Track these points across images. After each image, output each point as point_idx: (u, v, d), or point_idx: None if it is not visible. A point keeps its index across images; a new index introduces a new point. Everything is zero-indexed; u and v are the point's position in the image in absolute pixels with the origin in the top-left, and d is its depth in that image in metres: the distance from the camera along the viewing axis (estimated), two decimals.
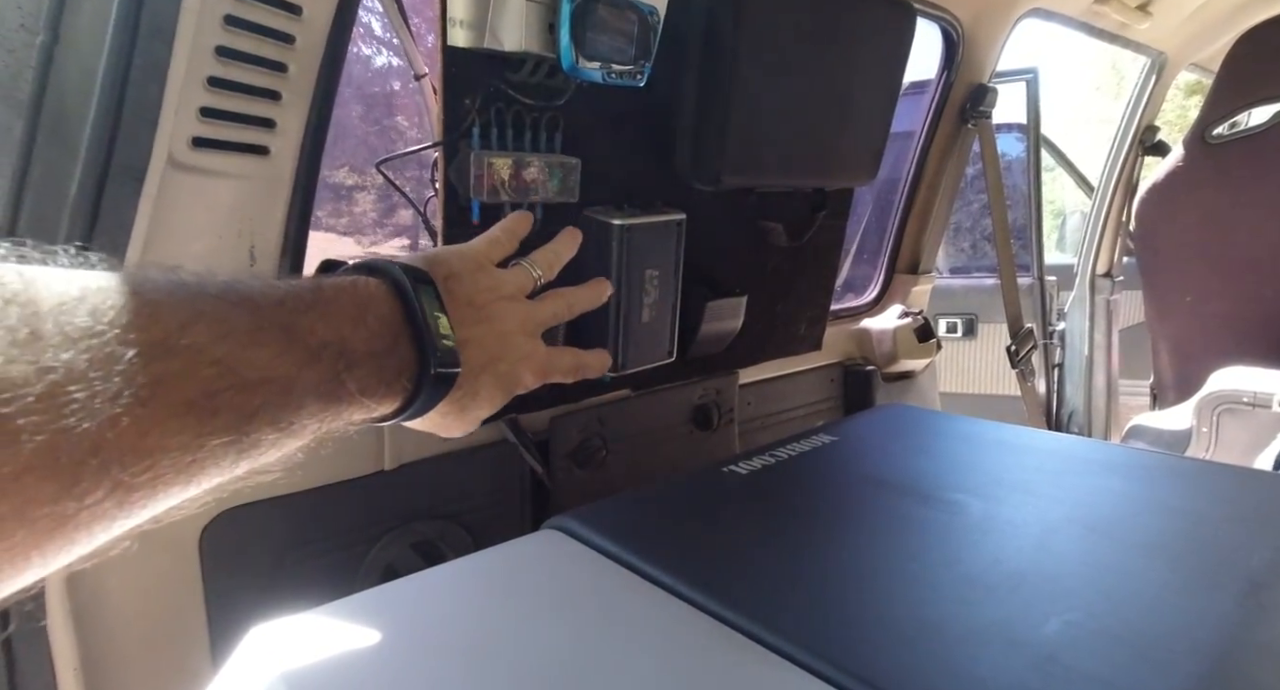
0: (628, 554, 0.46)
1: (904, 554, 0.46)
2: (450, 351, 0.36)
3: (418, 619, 0.40)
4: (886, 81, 0.93)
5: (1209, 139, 1.60)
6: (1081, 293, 2.05)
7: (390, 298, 0.36)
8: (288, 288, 0.32)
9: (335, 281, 0.35)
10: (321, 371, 0.31)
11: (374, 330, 0.34)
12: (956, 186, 1.42)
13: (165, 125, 0.50)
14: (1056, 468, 0.60)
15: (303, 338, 0.30)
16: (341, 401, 0.32)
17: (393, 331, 0.35)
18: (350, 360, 0.32)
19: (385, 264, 0.37)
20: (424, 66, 0.84)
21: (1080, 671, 0.33)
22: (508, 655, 0.37)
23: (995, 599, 0.39)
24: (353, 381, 0.32)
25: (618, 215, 0.77)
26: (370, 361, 0.33)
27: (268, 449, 0.30)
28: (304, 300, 0.32)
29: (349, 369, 0.32)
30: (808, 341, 1.13)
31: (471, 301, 0.41)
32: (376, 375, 0.33)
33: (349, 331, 0.32)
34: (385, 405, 0.35)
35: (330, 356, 0.31)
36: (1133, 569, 0.43)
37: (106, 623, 0.56)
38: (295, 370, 0.29)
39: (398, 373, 0.35)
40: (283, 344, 0.29)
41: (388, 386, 0.34)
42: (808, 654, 0.35)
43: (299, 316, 0.31)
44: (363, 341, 0.33)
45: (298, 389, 0.29)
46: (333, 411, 0.32)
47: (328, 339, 0.31)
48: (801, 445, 0.66)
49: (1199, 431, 1.55)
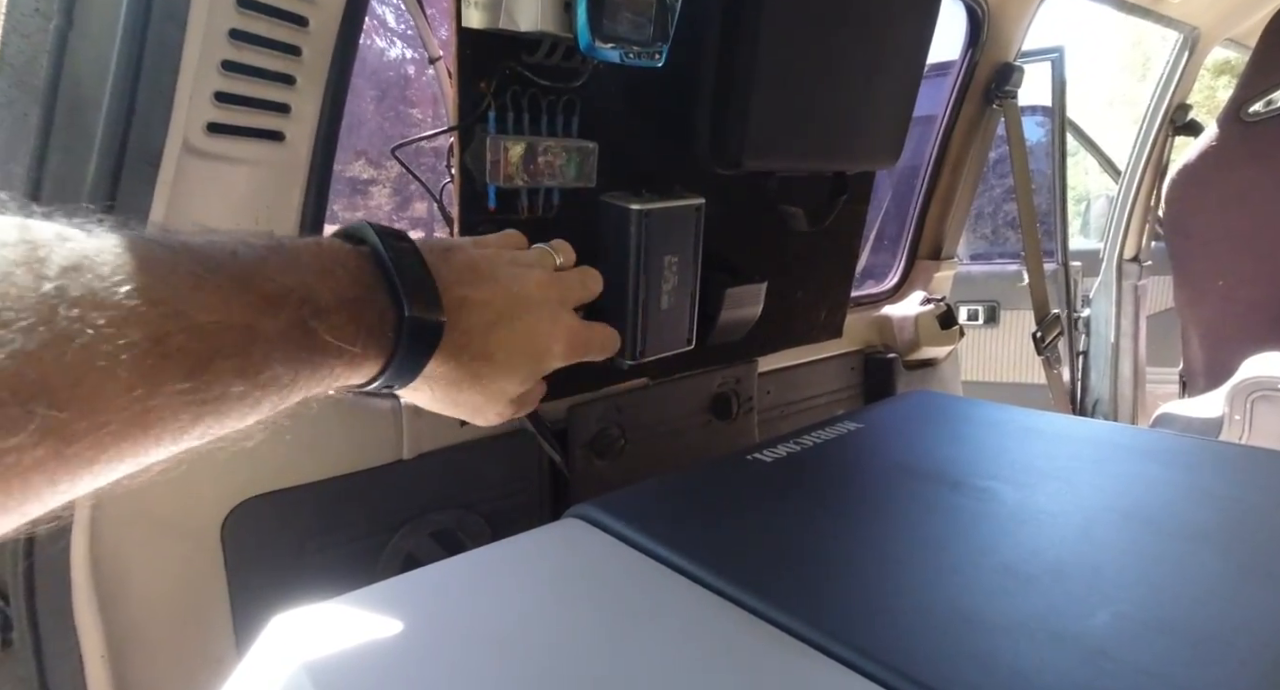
0: (652, 542, 0.45)
1: (937, 543, 0.44)
2: (427, 287, 0.34)
3: (441, 607, 0.40)
4: (910, 61, 0.91)
5: (1244, 117, 1.55)
6: (1108, 278, 2.00)
7: (359, 254, 0.34)
8: (240, 239, 0.30)
9: (297, 239, 0.33)
10: (285, 319, 0.29)
11: (341, 281, 0.32)
12: (980, 170, 1.38)
13: (180, 110, 0.49)
14: (1091, 454, 0.58)
15: (258, 285, 0.29)
16: (316, 351, 0.30)
17: (365, 282, 0.33)
18: (317, 307, 0.30)
19: (361, 225, 0.35)
20: (438, 49, 0.83)
21: (1134, 666, 0.31)
22: (531, 643, 0.36)
23: (1037, 590, 0.38)
24: (324, 329, 0.30)
25: (636, 200, 0.75)
26: (342, 310, 0.31)
27: (242, 403, 0.28)
28: (258, 252, 0.30)
29: (317, 316, 0.30)
30: (828, 329, 1.11)
31: (472, 265, 0.38)
32: (353, 323, 0.32)
33: (313, 280, 0.31)
34: (371, 358, 0.33)
35: (293, 303, 0.29)
36: (1181, 559, 0.42)
37: (131, 611, 0.56)
38: (253, 316, 0.28)
39: (375, 322, 0.33)
40: (235, 290, 0.28)
41: (366, 336, 0.32)
42: (840, 644, 0.34)
43: (253, 266, 0.29)
44: (330, 290, 0.31)
45: (261, 336, 0.28)
46: (309, 363, 0.30)
47: (290, 285, 0.30)
48: (826, 432, 0.64)
49: (1231, 419, 1.51)
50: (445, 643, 0.37)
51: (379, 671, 0.34)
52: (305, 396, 0.32)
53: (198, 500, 0.59)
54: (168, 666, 0.59)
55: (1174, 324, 1.96)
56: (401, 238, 0.35)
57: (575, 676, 0.33)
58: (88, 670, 0.55)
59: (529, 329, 0.39)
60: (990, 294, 2.41)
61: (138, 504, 0.56)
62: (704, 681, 0.33)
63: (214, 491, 0.59)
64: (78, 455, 0.22)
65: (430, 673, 0.34)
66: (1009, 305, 2.36)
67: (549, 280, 0.41)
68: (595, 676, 0.33)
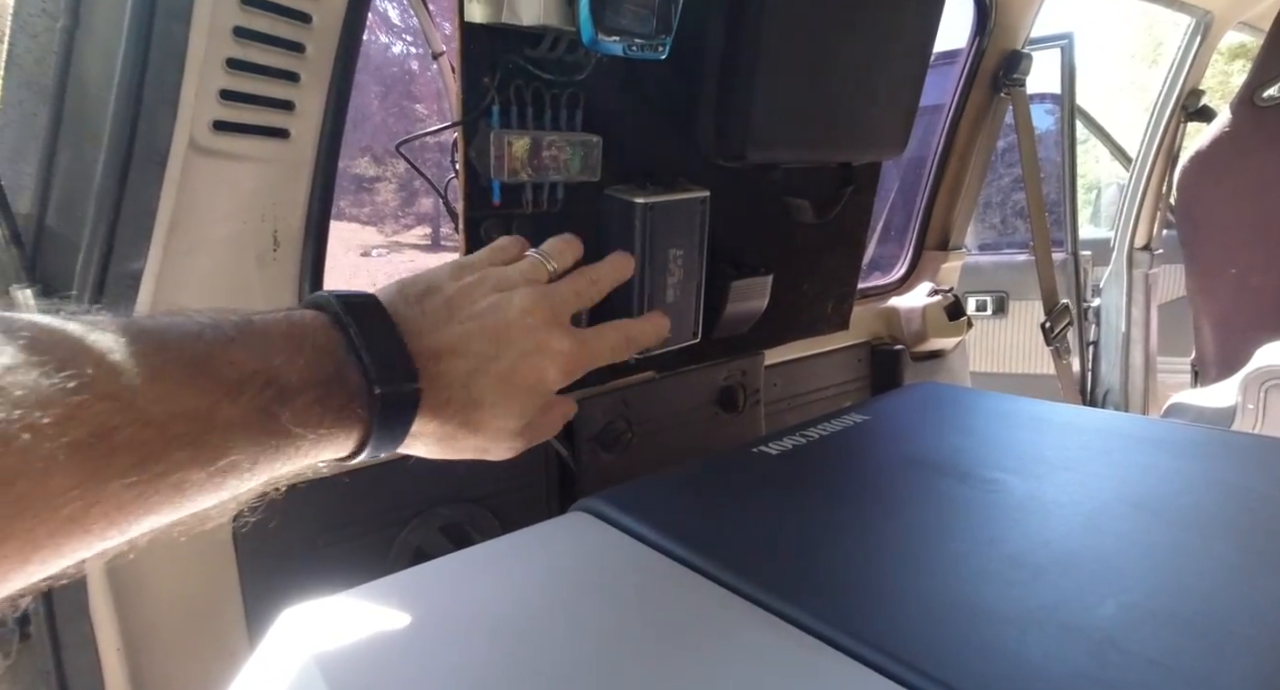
0: (658, 536, 0.45)
1: (944, 534, 0.44)
2: (399, 359, 0.33)
3: (450, 600, 0.40)
4: (917, 49, 0.90)
5: (1259, 102, 1.52)
6: (1118, 267, 1.98)
7: (329, 328, 0.33)
8: (208, 320, 0.30)
9: (268, 315, 0.32)
10: (246, 404, 0.28)
11: (310, 360, 0.31)
12: (988, 159, 1.37)
13: (186, 108, 0.50)
14: (1101, 444, 0.58)
15: (219, 370, 0.28)
16: (278, 435, 0.29)
17: (333, 361, 0.32)
18: (282, 390, 0.29)
19: (325, 297, 0.34)
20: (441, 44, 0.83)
21: (1142, 657, 0.31)
22: (540, 636, 0.36)
23: (1045, 581, 0.38)
24: (288, 414, 0.29)
25: (640, 193, 0.75)
26: (308, 391, 0.30)
27: (201, 491, 0.28)
28: (225, 333, 0.29)
29: (281, 401, 0.29)
30: (834, 321, 1.11)
31: (450, 304, 0.37)
32: (319, 405, 0.31)
33: (280, 362, 0.30)
34: (342, 439, 0.32)
35: (255, 387, 0.29)
36: (1191, 549, 0.41)
37: (146, 606, 0.57)
38: (209, 403, 0.27)
39: (347, 400, 0.32)
40: (191, 376, 0.27)
41: (336, 417, 0.31)
42: (847, 636, 0.34)
43: (216, 349, 0.28)
44: (297, 372, 0.30)
45: (218, 424, 0.27)
46: (271, 447, 0.29)
47: (252, 369, 0.29)
48: (833, 425, 0.64)
49: (1244, 408, 1.49)
50: (454, 635, 0.37)
51: (389, 664, 0.34)
52: (273, 478, 0.31)
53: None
54: (182, 659, 0.60)
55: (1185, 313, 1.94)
56: (366, 307, 0.34)
57: (584, 669, 0.34)
58: (104, 662, 0.56)
59: (513, 365, 0.37)
60: (999, 284, 2.39)
61: None
62: (711, 674, 0.33)
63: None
64: (7, 556, 0.22)
65: (439, 664, 0.34)
66: (1018, 295, 2.34)
67: (534, 301, 0.38)
68: (603, 669, 0.34)
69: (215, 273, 0.56)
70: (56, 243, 0.50)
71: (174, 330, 0.28)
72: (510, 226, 0.72)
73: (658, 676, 0.33)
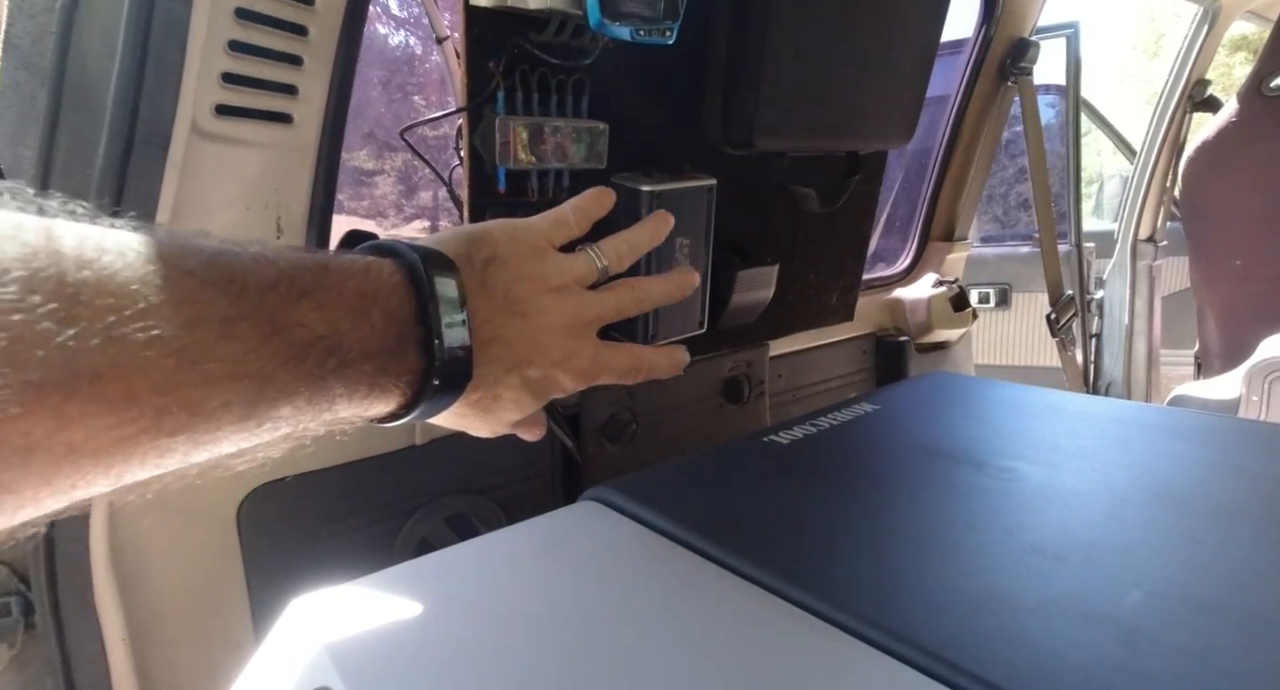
0: (670, 524, 0.44)
1: (962, 522, 0.43)
2: (461, 361, 0.32)
3: (458, 590, 0.39)
4: (924, 37, 0.89)
5: (1266, 91, 1.51)
6: (1122, 259, 1.97)
7: (404, 289, 0.31)
8: (286, 265, 0.28)
9: (345, 263, 0.30)
10: (305, 370, 0.27)
11: (377, 328, 0.30)
12: (994, 149, 1.36)
13: (188, 91, 0.49)
14: (1116, 433, 0.58)
15: (290, 331, 0.26)
16: (323, 402, 0.29)
17: (398, 331, 0.31)
18: (342, 360, 0.28)
19: (405, 247, 0.33)
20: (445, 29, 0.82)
21: (1171, 646, 0.31)
22: (550, 624, 0.36)
23: (1068, 569, 0.37)
24: (340, 384, 0.29)
25: (646, 181, 0.74)
26: (365, 363, 0.29)
27: (236, 442, 0.27)
28: (301, 284, 0.28)
29: (338, 370, 0.28)
30: (840, 312, 1.10)
31: (509, 294, 0.36)
32: (371, 378, 0.30)
33: (348, 326, 0.29)
34: (374, 406, 0.32)
35: (319, 354, 0.28)
36: (1215, 537, 0.41)
37: (151, 595, 0.57)
38: (273, 368, 0.26)
39: (397, 376, 0.31)
40: (263, 337, 0.25)
41: (383, 390, 0.31)
42: (868, 625, 0.34)
43: (290, 305, 0.27)
44: (360, 340, 0.29)
45: (272, 389, 0.26)
46: (312, 412, 0.29)
47: (320, 333, 0.28)
48: (843, 414, 0.64)
49: (1248, 400, 1.49)
50: (465, 623, 0.36)
51: (399, 652, 0.34)
52: (298, 431, 0.31)
53: (214, 486, 0.59)
54: (188, 649, 0.60)
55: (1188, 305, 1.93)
56: (444, 265, 0.33)
57: (594, 657, 0.33)
58: (109, 653, 0.55)
59: (543, 373, 0.37)
60: (1002, 276, 2.39)
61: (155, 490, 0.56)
62: (726, 661, 0.32)
63: (230, 477, 0.59)
64: (22, 489, 0.21)
65: (450, 653, 0.34)
66: (1021, 287, 2.34)
67: (580, 311, 0.38)
68: (614, 657, 0.33)
69: None
70: None
71: (253, 276, 0.26)
72: (515, 215, 0.71)
73: (673, 665, 0.32)
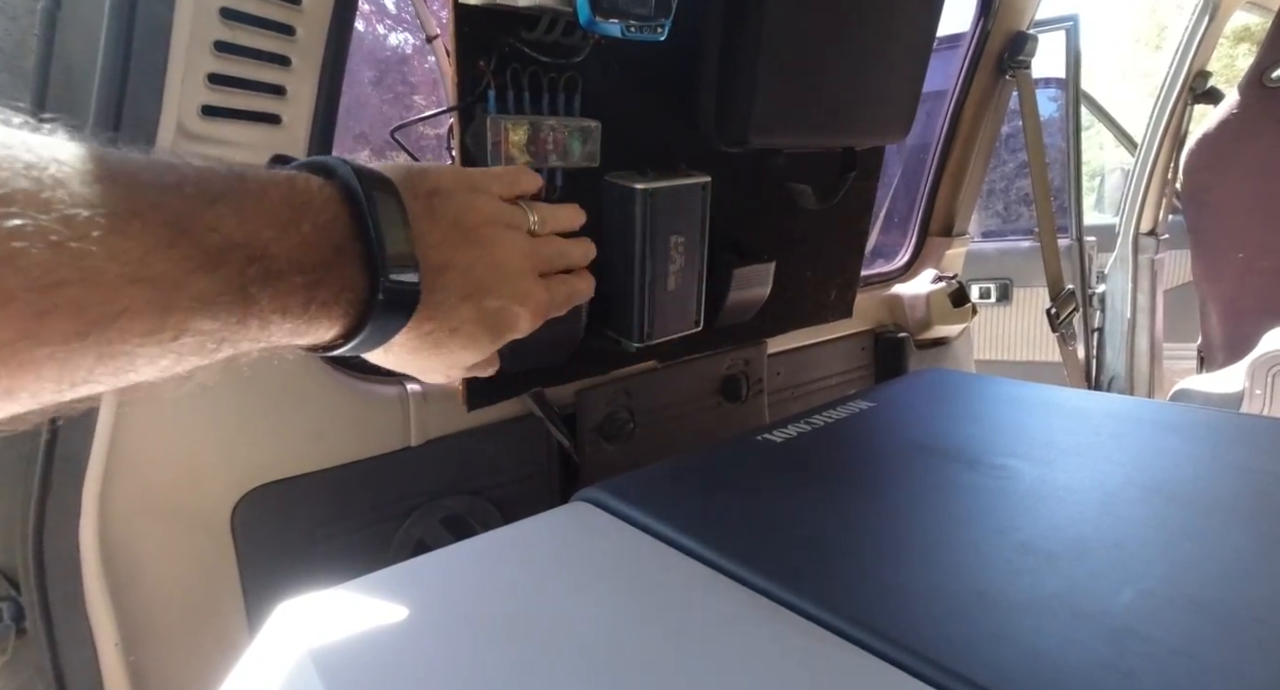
0: (662, 525, 0.44)
1: (954, 521, 0.43)
2: (409, 282, 0.30)
3: (449, 592, 0.39)
4: (921, 31, 0.88)
5: (1268, 82, 1.50)
6: (1124, 253, 1.96)
7: (337, 202, 0.29)
8: (192, 171, 0.25)
9: (267, 175, 0.28)
10: (223, 278, 0.25)
11: (307, 238, 0.27)
12: (993, 143, 1.35)
13: (173, 92, 0.49)
14: (1112, 429, 0.57)
15: (199, 234, 0.24)
16: (251, 318, 0.26)
17: (333, 243, 0.28)
18: (266, 270, 0.26)
19: (338, 161, 0.30)
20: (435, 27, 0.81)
21: (1161, 644, 0.30)
22: (541, 627, 0.35)
23: (1059, 568, 0.37)
24: (266, 297, 0.26)
25: (640, 179, 0.74)
26: (295, 275, 0.27)
27: (154, 365, 0.25)
28: (213, 189, 0.25)
29: (262, 281, 0.26)
30: (838, 308, 1.10)
31: (459, 222, 0.34)
32: (304, 293, 0.27)
33: (271, 235, 0.26)
34: (317, 330, 0.29)
35: (238, 262, 0.25)
36: (1207, 534, 0.40)
37: (144, 598, 0.57)
38: (181, 274, 0.23)
39: (336, 293, 0.29)
40: (166, 238, 0.23)
41: (321, 307, 0.28)
42: (857, 627, 0.33)
43: (199, 208, 0.24)
44: (288, 250, 0.27)
45: (185, 297, 0.24)
46: (242, 326, 0.26)
47: (237, 240, 0.25)
48: (838, 412, 0.63)
49: (1252, 394, 1.48)
50: (450, 627, 0.36)
51: (385, 657, 0.33)
52: (237, 354, 0.28)
53: (207, 488, 0.59)
54: (182, 653, 0.60)
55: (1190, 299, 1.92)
56: (384, 184, 0.31)
57: (586, 659, 0.33)
58: (101, 658, 0.55)
59: (500, 305, 0.35)
60: (1003, 271, 2.38)
61: (147, 493, 0.56)
62: (717, 663, 0.32)
63: (223, 479, 0.59)
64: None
65: (434, 657, 0.34)
66: (1022, 282, 2.33)
67: (534, 249, 0.37)
68: (606, 659, 0.33)
69: None
70: None
71: (150, 175, 0.24)
72: None
73: (663, 667, 0.32)
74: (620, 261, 0.76)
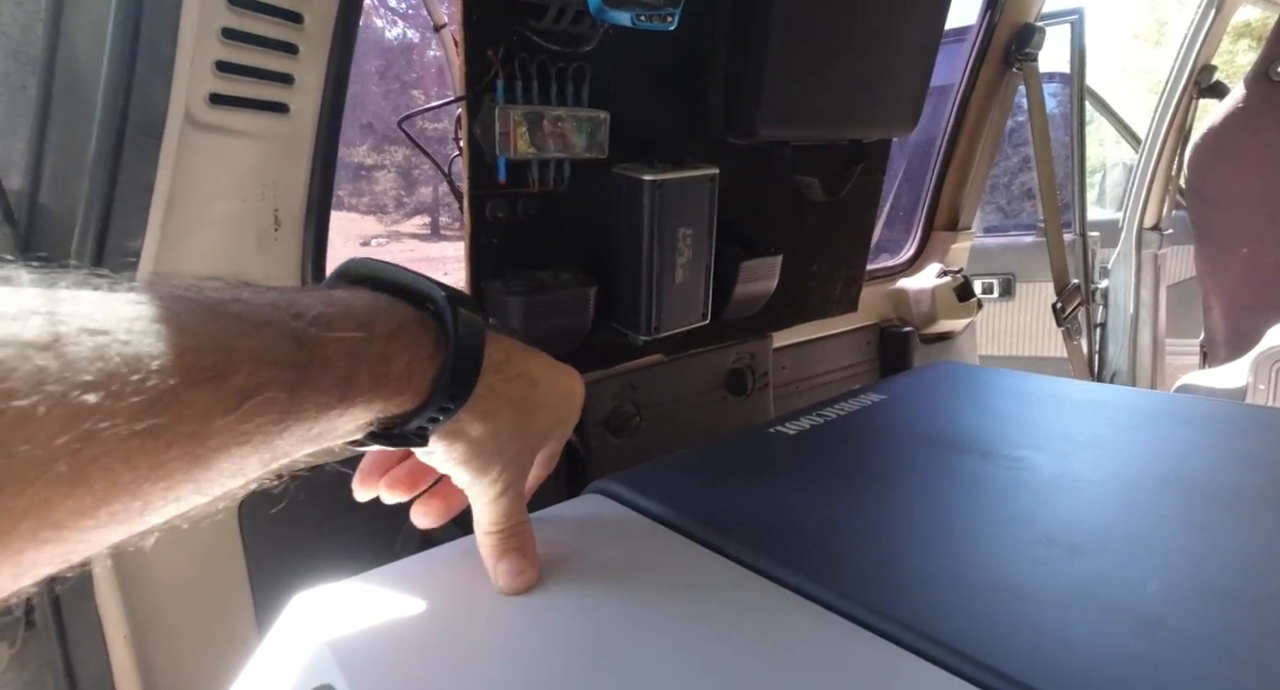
0: (675, 516, 0.44)
1: (972, 512, 0.43)
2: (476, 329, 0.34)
3: (461, 584, 0.39)
4: (929, 23, 0.87)
5: (1274, 76, 1.50)
6: (1127, 248, 1.96)
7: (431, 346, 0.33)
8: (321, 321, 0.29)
9: (387, 327, 0.32)
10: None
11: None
12: (999, 137, 1.35)
13: (181, 80, 0.48)
14: (1125, 420, 0.57)
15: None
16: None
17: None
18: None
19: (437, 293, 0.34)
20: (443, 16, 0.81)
21: (1193, 636, 0.30)
22: (554, 617, 0.35)
23: (1082, 559, 0.36)
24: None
25: (648, 171, 0.73)
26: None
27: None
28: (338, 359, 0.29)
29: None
30: (843, 302, 1.09)
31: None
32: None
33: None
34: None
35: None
36: (1229, 524, 0.40)
37: (152, 592, 0.56)
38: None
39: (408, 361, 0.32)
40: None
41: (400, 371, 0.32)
42: (881, 618, 0.33)
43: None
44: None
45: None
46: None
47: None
48: (849, 405, 0.63)
49: (1255, 388, 1.48)
50: (467, 618, 0.36)
51: (402, 647, 0.33)
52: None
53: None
54: (191, 646, 0.59)
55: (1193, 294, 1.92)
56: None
57: (598, 650, 0.33)
58: (111, 651, 0.55)
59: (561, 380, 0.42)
60: (1006, 267, 2.37)
61: None
62: (735, 653, 0.32)
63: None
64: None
65: (453, 647, 0.33)
66: (1026, 277, 2.32)
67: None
68: (619, 650, 0.32)
69: (215, 252, 0.55)
70: (52, 221, 0.48)
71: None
72: (515, 206, 0.70)
73: (681, 657, 0.32)
74: (628, 254, 0.75)
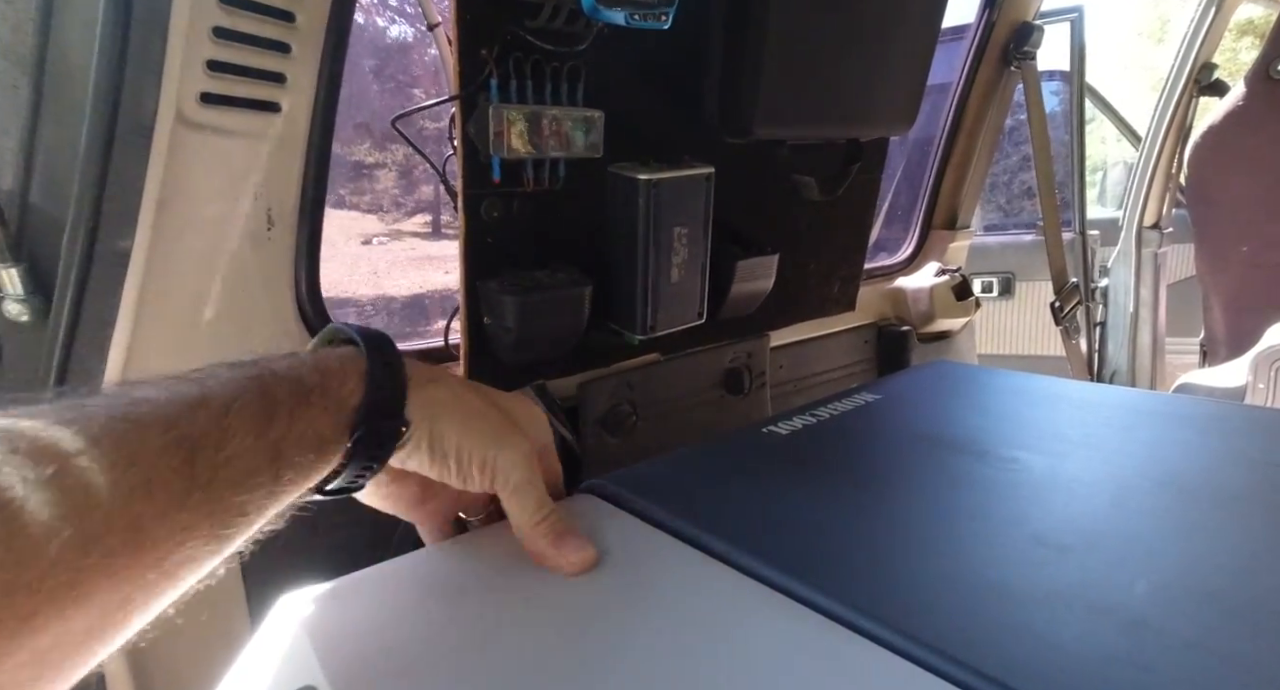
0: (667, 516, 0.44)
1: (964, 513, 0.43)
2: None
3: (449, 585, 0.39)
4: (926, 20, 0.87)
5: (1275, 75, 1.49)
6: (1127, 246, 1.95)
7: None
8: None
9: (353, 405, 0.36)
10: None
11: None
12: (998, 135, 1.35)
13: (171, 79, 0.48)
14: (1120, 421, 0.57)
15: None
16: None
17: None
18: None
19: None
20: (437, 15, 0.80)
21: (1178, 637, 0.30)
22: (547, 618, 0.35)
23: (1072, 560, 0.36)
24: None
25: (644, 170, 0.73)
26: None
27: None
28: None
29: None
30: (841, 301, 1.09)
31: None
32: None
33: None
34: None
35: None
36: (1219, 525, 0.40)
37: None
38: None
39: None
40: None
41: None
42: (868, 619, 0.33)
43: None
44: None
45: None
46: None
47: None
48: (843, 404, 0.63)
49: (1255, 388, 1.47)
50: (454, 619, 0.36)
51: (386, 649, 0.33)
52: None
53: None
54: (184, 645, 0.59)
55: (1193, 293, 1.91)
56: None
57: (590, 652, 0.32)
58: None
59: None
60: (1005, 265, 2.37)
61: None
62: (725, 656, 0.32)
63: None
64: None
65: (439, 650, 0.33)
66: (1025, 276, 2.32)
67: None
68: (615, 650, 0.32)
69: (208, 253, 0.55)
70: (42, 220, 0.48)
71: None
72: (511, 205, 0.70)
73: (670, 660, 0.32)
74: (623, 253, 0.75)
